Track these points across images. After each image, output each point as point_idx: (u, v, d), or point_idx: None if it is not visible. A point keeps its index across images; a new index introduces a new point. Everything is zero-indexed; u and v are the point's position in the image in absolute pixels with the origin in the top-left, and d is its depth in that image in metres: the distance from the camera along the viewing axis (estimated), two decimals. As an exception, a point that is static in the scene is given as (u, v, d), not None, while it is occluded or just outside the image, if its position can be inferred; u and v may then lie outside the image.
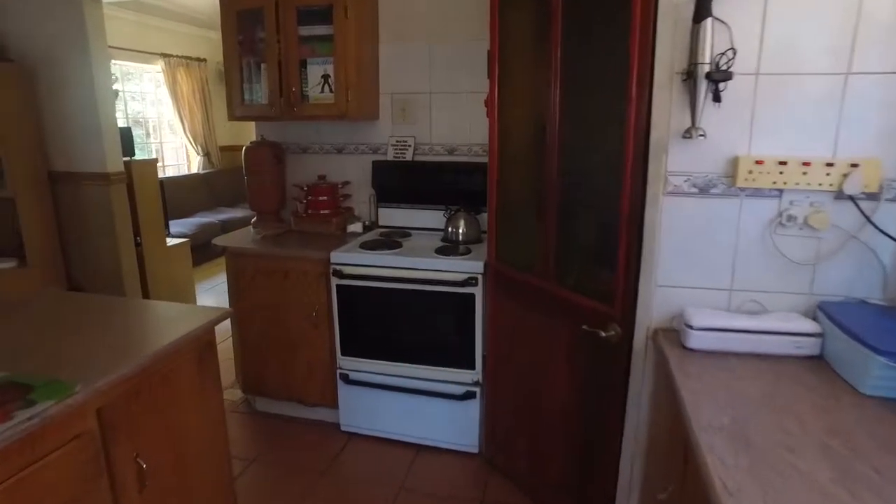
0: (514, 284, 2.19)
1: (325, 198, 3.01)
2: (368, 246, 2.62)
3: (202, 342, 1.74)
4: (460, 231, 2.71)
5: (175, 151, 7.21)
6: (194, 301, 4.65)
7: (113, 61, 5.75)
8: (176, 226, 5.90)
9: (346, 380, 2.70)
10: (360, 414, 2.74)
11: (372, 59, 2.89)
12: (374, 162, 2.99)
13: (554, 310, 1.98)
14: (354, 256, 2.53)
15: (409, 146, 2.98)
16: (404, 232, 2.91)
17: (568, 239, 1.97)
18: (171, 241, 4.47)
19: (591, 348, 1.85)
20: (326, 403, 2.82)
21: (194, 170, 7.21)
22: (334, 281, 2.58)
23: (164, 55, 6.34)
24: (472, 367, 2.49)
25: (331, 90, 2.72)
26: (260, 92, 2.84)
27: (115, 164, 3.72)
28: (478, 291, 2.39)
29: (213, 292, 5.18)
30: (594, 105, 1.84)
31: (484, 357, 2.46)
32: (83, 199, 3.81)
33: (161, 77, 6.47)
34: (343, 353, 2.68)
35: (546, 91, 1.91)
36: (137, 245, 4.04)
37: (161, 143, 7.03)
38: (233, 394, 3.21)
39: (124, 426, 1.47)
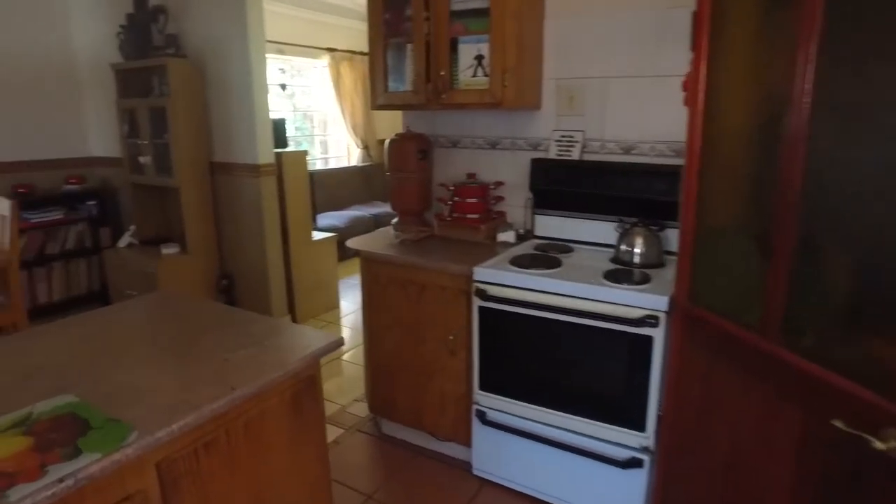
0: (713, 336, 1.59)
1: (473, 200, 2.60)
2: (520, 262, 2.16)
3: (301, 379, 1.41)
4: (636, 251, 2.14)
5: (339, 144, 7.34)
6: (336, 297, 4.54)
7: (283, 56, 5.91)
8: (328, 218, 5.93)
9: (483, 418, 2.27)
10: (496, 459, 2.30)
11: (535, 36, 2.40)
12: (532, 160, 2.51)
13: (779, 383, 1.36)
14: (501, 274, 2.08)
15: (577, 142, 2.46)
16: (565, 246, 2.40)
17: (811, 284, 1.33)
18: (318, 236, 4.39)
19: (844, 457, 1.20)
20: (459, 440, 2.43)
21: (355, 162, 7.28)
22: (476, 301, 2.15)
23: (330, 49, 6.42)
24: (642, 428, 1.92)
25: (485, 73, 2.29)
26: (405, 77, 2.49)
27: (265, 155, 3.68)
28: (657, 334, 1.82)
29: (356, 290, 5.06)
30: (880, 84, 1.19)
31: (659, 418, 1.88)
32: (237, 190, 3.83)
33: (327, 71, 6.57)
34: (482, 388, 2.25)
35: (787, 65, 1.28)
36: (285, 237, 3.98)
37: (326, 136, 7.19)
38: (360, 408, 2.95)
39: (191, 484, 1.17)
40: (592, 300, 1.90)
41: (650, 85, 2.26)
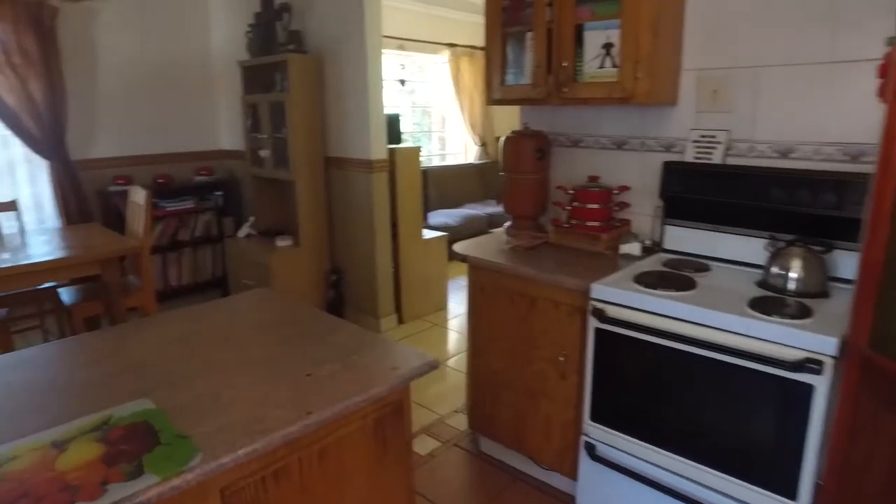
0: (907, 395, 1.22)
1: (594, 206, 2.33)
2: (646, 280, 1.87)
3: (386, 404, 1.26)
4: (792, 275, 1.77)
5: (457, 141, 7.25)
6: (444, 298, 4.42)
7: (403, 52, 5.90)
8: (441, 216, 5.85)
9: (592, 452, 2.01)
10: (604, 499, 2.03)
11: (674, 19, 2.09)
12: (665, 163, 2.19)
13: None
14: (623, 294, 1.81)
15: (720, 143, 2.11)
16: (700, 264, 2.06)
17: None
18: (428, 234, 4.29)
19: None
20: (563, 471, 2.18)
21: (472, 160, 7.17)
22: (592, 322, 1.90)
23: (450, 45, 6.33)
24: (792, 496, 1.57)
25: (613, 64, 2.02)
26: (524, 70, 2.28)
27: (378, 151, 3.63)
28: (821, 383, 1.46)
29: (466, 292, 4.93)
30: None
31: (817, 488, 1.52)
32: (349, 185, 3.82)
33: (447, 67, 6.50)
34: (593, 419, 1.99)
35: None
36: (394, 234, 3.92)
37: (445, 132, 7.13)
38: (459, 421, 2.79)
39: (259, 517, 1.05)
40: (734, 333, 1.58)
41: (822, 73, 1.86)
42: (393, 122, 3.98)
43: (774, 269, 1.81)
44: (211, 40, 4.64)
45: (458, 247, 2.43)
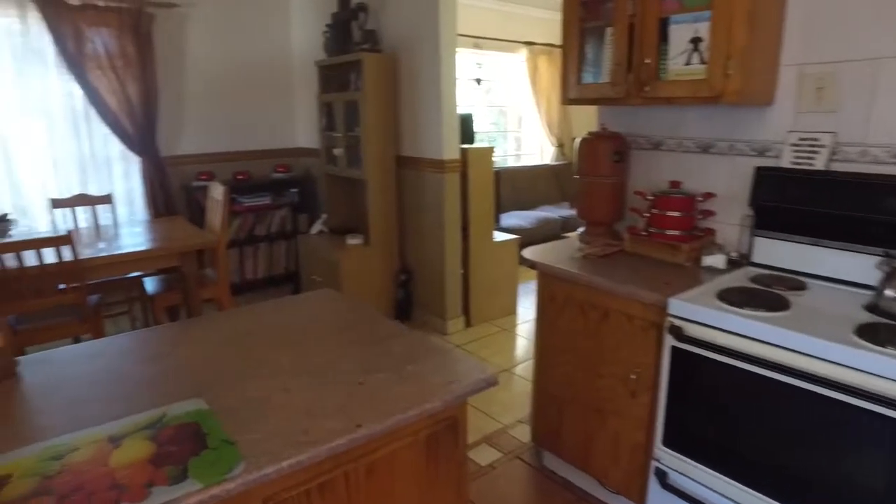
0: None
1: (675, 213, 2.16)
2: (731, 297, 1.70)
3: (439, 420, 1.19)
4: (909, 299, 1.55)
5: (533, 141, 7.11)
6: (514, 302, 4.31)
7: (479, 51, 5.83)
8: (513, 217, 5.74)
9: (663, 480, 1.86)
10: (677, 532, 1.87)
11: (774, 7, 1.89)
12: (757, 168, 2.00)
13: None
14: (705, 311, 1.65)
15: (824, 147, 1.89)
16: (795, 281, 1.86)
17: None
18: (500, 236, 4.19)
19: None
20: (631, 497, 2.04)
21: (548, 161, 7.01)
22: (669, 340, 1.75)
23: (528, 43, 6.20)
24: (901, 551, 1.37)
25: (702, 60, 1.85)
26: (602, 67, 2.14)
27: (451, 151, 3.58)
28: (943, 427, 1.26)
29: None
30: None
31: (932, 545, 1.32)
32: (420, 185, 3.80)
33: (524, 65, 6.37)
34: (665, 444, 1.84)
35: None
36: (465, 236, 3.86)
37: (521, 132, 7.01)
38: (523, 432, 2.69)
39: (302, 533, 1.01)
40: (836, 364, 1.40)
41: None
42: (466, 122, 3.92)
43: (889, 292, 1.59)
44: (291, 41, 4.77)
45: (528, 252, 2.33)
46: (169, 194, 4.18)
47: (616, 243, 2.32)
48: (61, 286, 2.73)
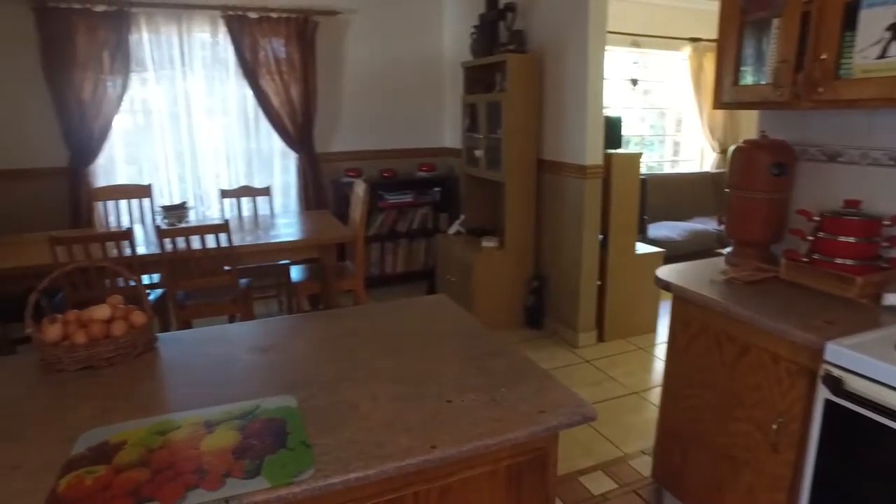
0: None
1: (850, 239, 1.81)
2: (913, 348, 1.38)
3: (525, 451, 1.09)
4: None
5: (693, 146, 6.55)
6: (654, 320, 4.00)
7: (638, 49, 5.49)
8: (663, 228, 5.34)
9: (808, 554, 1.57)
10: None
11: None
12: (967, 189, 1.60)
13: None
14: (876, 364, 1.35)
15: None
16: None
17: None
18: (643, 248, 3.91)
19: None
20: (766, 564, 1.76)
21: (707, 168, 6.42)
22: (823, 391, 1.47)
23: (693, 40, 5.70)
24: None
25: (901, 54, 1.52)
26: (764, 66, 1.86)
27: (593, 156, 3.40)
28: None
29: (681, 314, 4.40)
30: None
31: None
32: (559, 190, 3.67)
33: (687, 64, 5.88)
34: (811, 511, 1.55)
35: None
36: (604, 245, 3.65)
37: (681, 136, 6.50)
38: (644, 464, 2.46)
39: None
40: None
41: None
42: (613, 126, 3.69)
43: None
44: (443, 43, 4.86)
45: (663, 271, 2.11)
46: (320, 189, 4.49)
47: (769, 268, 2.01)
48: (226, 268, 3.03)
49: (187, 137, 4.15)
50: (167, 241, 2.82)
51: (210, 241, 2.89)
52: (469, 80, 4.06)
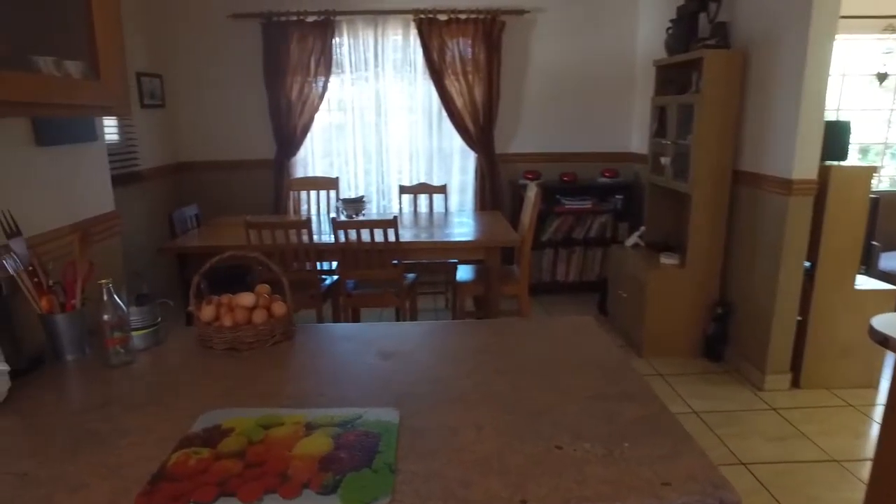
0: None
1: None
2: None
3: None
4: None
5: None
6: (877, 374, 3.26)
7: (891, 35, 4.55)
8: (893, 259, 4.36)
9: None
10: None
11: None
12: None
13: None
14: None
15: None
16: None
17: None
18: (866, 283, 3.21)
19: None
20: None
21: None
22: None
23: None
24: None
25: None
26: None
27: (804, 168, 2.87)
28: None
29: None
30: None
31: None
32: (757, 207, 3.18)
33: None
34: None
35: None
36: (810, 275, 3.08)
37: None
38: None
39: None
40: None
41: None
42: (838, 132, 3.07)
43: None
44: (636, 41, 4.52)
45: (881, 322, 1.67)
46: (496, 189, 4.47)
47: None
48: (394, 262, 3.15)
49: (375, 135, 4.44)
50: (340, 232, 3.01)
51: (378, 235, 3.02)
52: (660, 80, 3.70)
